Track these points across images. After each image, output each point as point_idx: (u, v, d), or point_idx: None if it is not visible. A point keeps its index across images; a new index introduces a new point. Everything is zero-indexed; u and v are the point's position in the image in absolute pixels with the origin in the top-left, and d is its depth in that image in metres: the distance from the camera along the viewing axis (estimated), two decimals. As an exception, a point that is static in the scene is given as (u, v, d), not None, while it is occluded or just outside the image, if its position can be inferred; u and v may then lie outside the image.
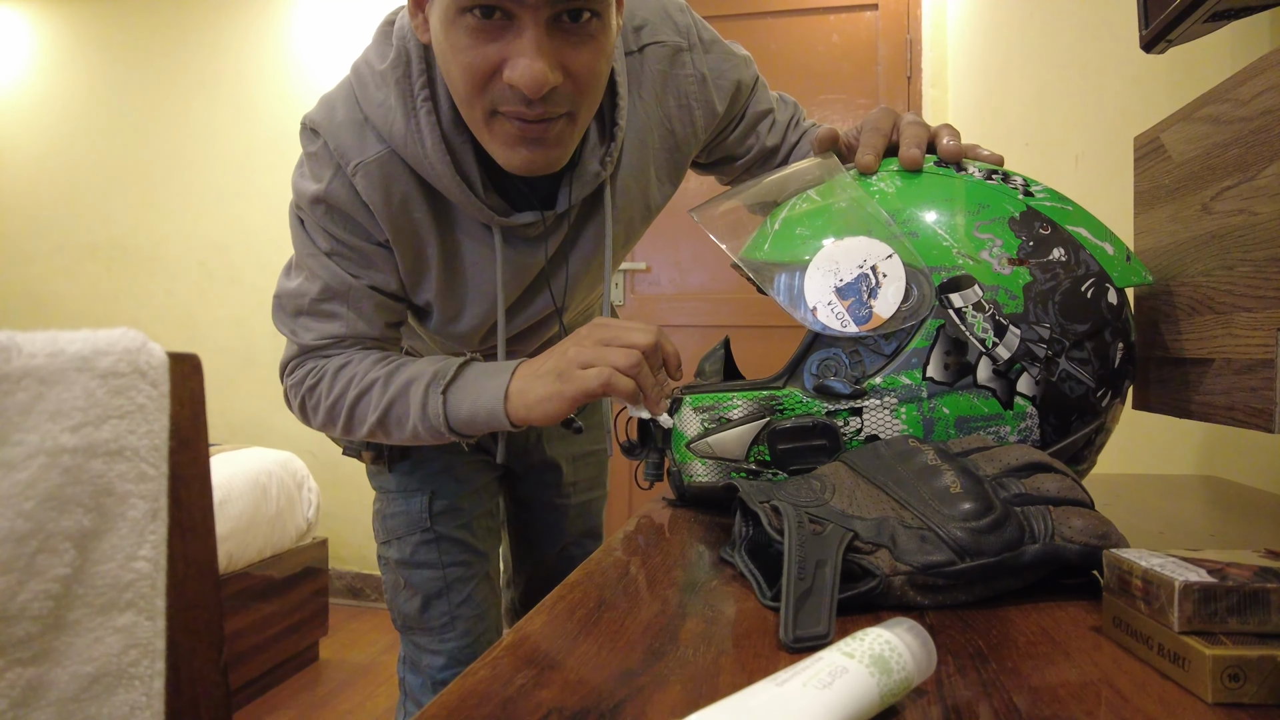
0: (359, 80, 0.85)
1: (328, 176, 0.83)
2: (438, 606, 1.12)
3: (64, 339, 0.45)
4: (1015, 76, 1.95)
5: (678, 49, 0.92)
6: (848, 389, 0.63)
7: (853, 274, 0.63)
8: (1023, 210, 0.64)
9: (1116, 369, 0.64)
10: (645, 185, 0.96)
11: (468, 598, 1.13)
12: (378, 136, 0.83)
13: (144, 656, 0.48)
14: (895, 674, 0.34)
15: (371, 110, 0.82)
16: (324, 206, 0.85)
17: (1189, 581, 0.37)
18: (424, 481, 1.11)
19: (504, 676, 0.41)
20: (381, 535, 1.15)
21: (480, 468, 1.16)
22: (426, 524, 1.11)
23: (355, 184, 0.82)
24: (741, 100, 0.99)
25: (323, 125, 0.84)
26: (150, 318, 3.42)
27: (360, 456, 1.14)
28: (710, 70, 0.94)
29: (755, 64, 1.01)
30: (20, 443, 0.42)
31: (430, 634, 1.13)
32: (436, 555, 1.11)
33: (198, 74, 3.40)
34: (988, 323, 0.61)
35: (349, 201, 0.83)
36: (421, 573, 1.11)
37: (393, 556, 1.13)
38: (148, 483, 0.48)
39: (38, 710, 0.44)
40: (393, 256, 0.87)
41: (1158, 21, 0.78)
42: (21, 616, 0.42)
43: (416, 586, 1.12)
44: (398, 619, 1.16)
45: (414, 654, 1.16)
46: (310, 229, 0.87)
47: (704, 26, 0.96)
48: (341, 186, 0.83)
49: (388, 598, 1.17)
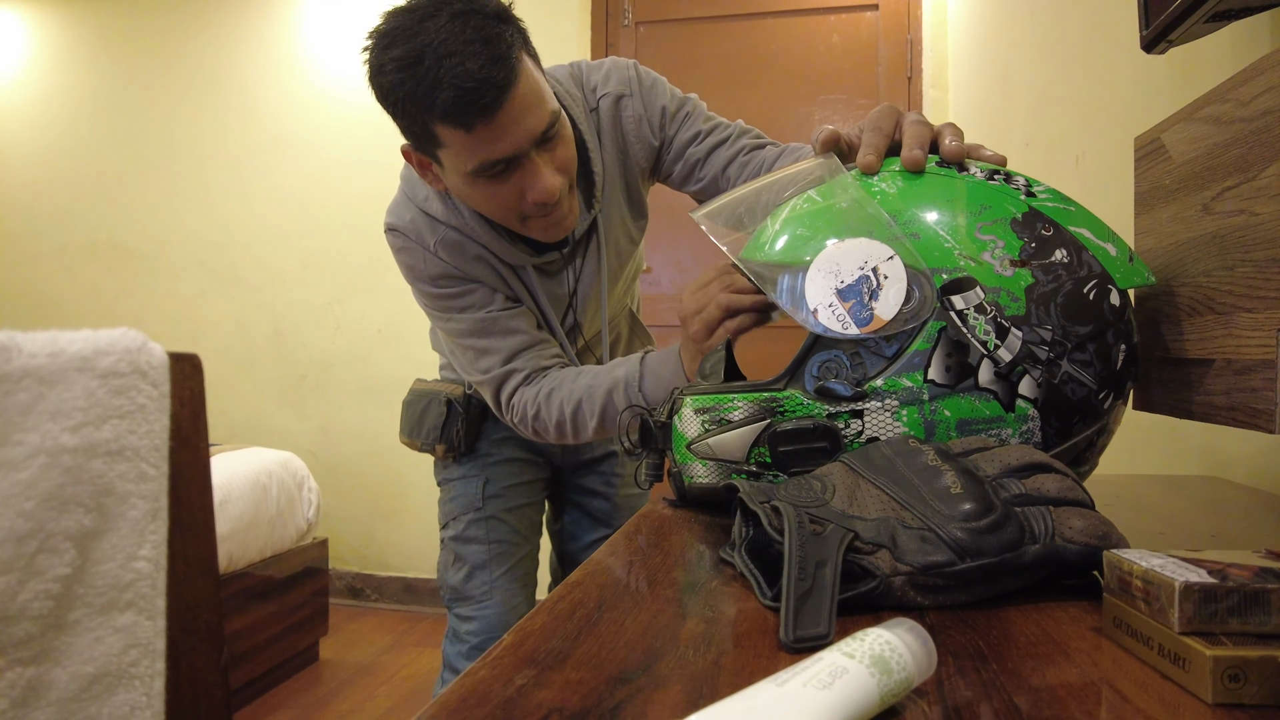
0: (409, 188, 1.11)
1: (420, 256, 1.10)
2: (480, 576, 1.32)
3: (64, 339, 0.45)
4: (1016, 77, 1.95)
5: (620, 95, 1.13)
6: (849, 391, 0.63)
7: (854, 276, 0.62)
8: (1025, 211, 0.64)
9: (1119, 371, 0.63)
10: (623, 218, 1.20)
11: (507, 571, 1.33)
12: (437, 222, 1.08)
13: (144, 656, 0.48)
14: (896, 674, 0.34)
15: (423, 204, 1.09)
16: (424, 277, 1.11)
17: (1189, 582, 0.37)
18: (480, 469, 1.34)
19: (504, 676, 0.41)
20: (442, 519, 1.37)
21: (531, 465, 1.38)
22: (479, 504, 1.33)
23: (440, 254, 1.09)
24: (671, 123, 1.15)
25: (399, 225, 1.10)
26: (151, 317, 3.42)
27: (434, 451, 1.35)
28: (645, 106, 1.14)
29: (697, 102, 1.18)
30: (21, 443, 0.42)
31: (470, 603, 1.32)
32: (485, 532, 1.33)
33: (198, 74, 3.40)
34: (989, 325, 0.61)
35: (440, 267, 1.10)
36: (470, 547, 1.33)
37: (449, 536, 1.35)
38: (148, 483, 0.48)
39: (38, 710, 0.44)
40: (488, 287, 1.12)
41: (1158, 22, 0.78)
42: (22, 616, 0.42)
43: (464, 559, 1.33)
44: (446, 593, 1.36)
45: (455, 624, 1.34)
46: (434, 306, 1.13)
47: (646, 74, 1.16)
48: (430, 261, 1.10)
49: (439, 576, 1.38)
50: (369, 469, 3.19)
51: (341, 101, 3.24)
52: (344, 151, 3.23)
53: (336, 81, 3.25)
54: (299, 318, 3.32)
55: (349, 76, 3.21)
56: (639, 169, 1.17)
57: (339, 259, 3.26)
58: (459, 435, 1.32)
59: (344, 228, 3.24)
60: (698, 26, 3.01)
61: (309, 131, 3.30)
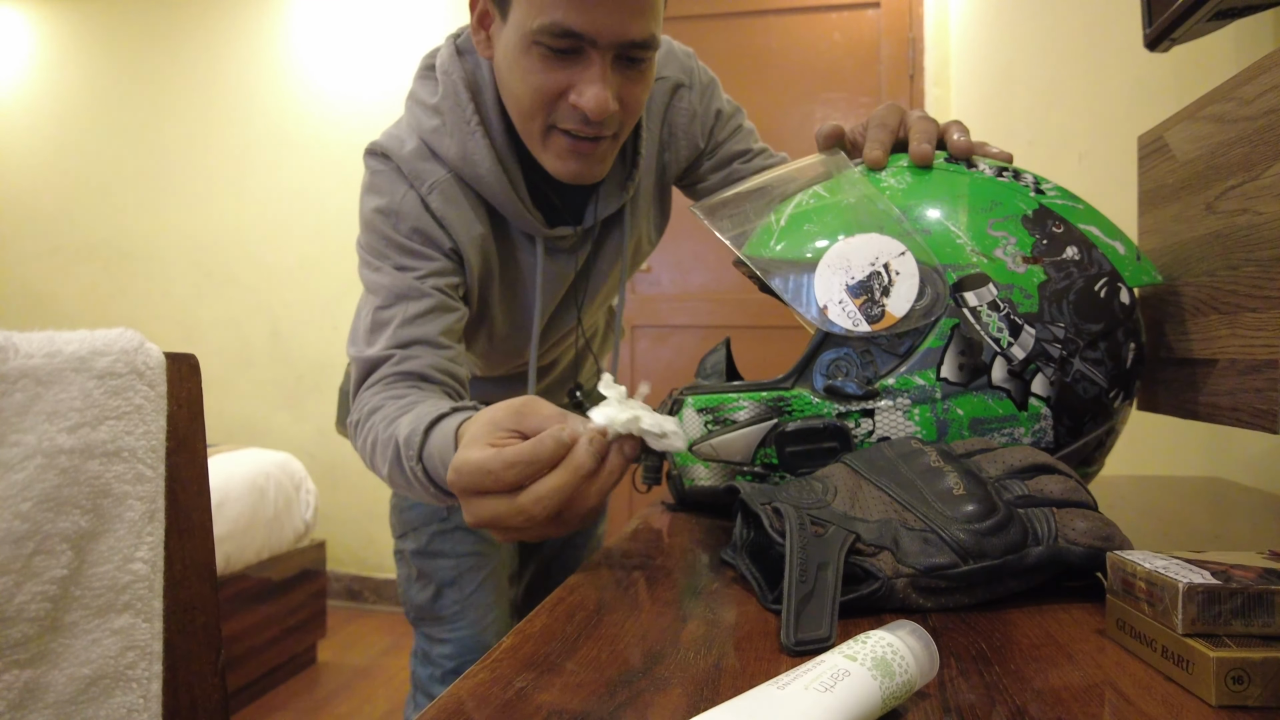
0: (414, 116, 0.92)
1: (401, 192, 0.89)
2: (449, 595, 1.15)
3: (61, 339, 0.45)
4: (1018, 75, 1.95)
5: (678, 84, 1.01)
6: (859, 390, 0.61)
7: (864, 272, 0.61)
8: (1035, 208, 0.63)
9: (1128, 370, 0.63)
10: (650, 209, 1.06)
11: (479, 587, 1.16)
12: (440, 161, 0.90)
13: (141, 659, 0.47)
14: (898, 677, 0.34)
15: (431, 139, 0.90)
16: (393, 217, 0.89)
17: (1193, 583, 0.37)
18: None
19: (504, 679, 0.40)
20: (398, 529, 1.18)
21: None
22: (443, 514, 1.14)
23: (430, 201, 0.89)
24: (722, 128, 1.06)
25: (394, 151, 0.90)
26: (148, 318, 3.42)
27: None
28: (702, 105, 1.03)
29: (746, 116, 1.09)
30: (17, 443, 0.42)
31: (441, 623, 1.16)
32: (451, 545, 1.15)
33: (196, 74, 3.40)
34: (1003, 322, 0.60)
35: (419, 214, 0.89)
36: (436, 562, 1.15)
37: (408, 548, 1.17)
38: (145, 484, 0.48)
39: (35, 713, 0.43)
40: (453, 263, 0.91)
41: (1161, 20, 0.77)
42: (19, 618, 0.42)
43: (430, 576, 1.15)
44: (410, 611, 1.19)
45: (425, 645, 1.19)
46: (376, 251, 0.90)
47: (704, 70, 1.05)
48: (413, 202, 0.89)
49: (401, 591, 1.21)
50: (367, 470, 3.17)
51: (338, 102, 3.24)
52: (341, 152, 3.22)
53: (334, 82, 3.25)
54: (296, 318, 3.32)
55: (346, 77, 3.21)
56: (675, 167, 1.06)
57: (336, 259, 3.25)
58: None
59: (341, 228, 3.23)
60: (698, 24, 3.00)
61: (306, 132, 3.30)
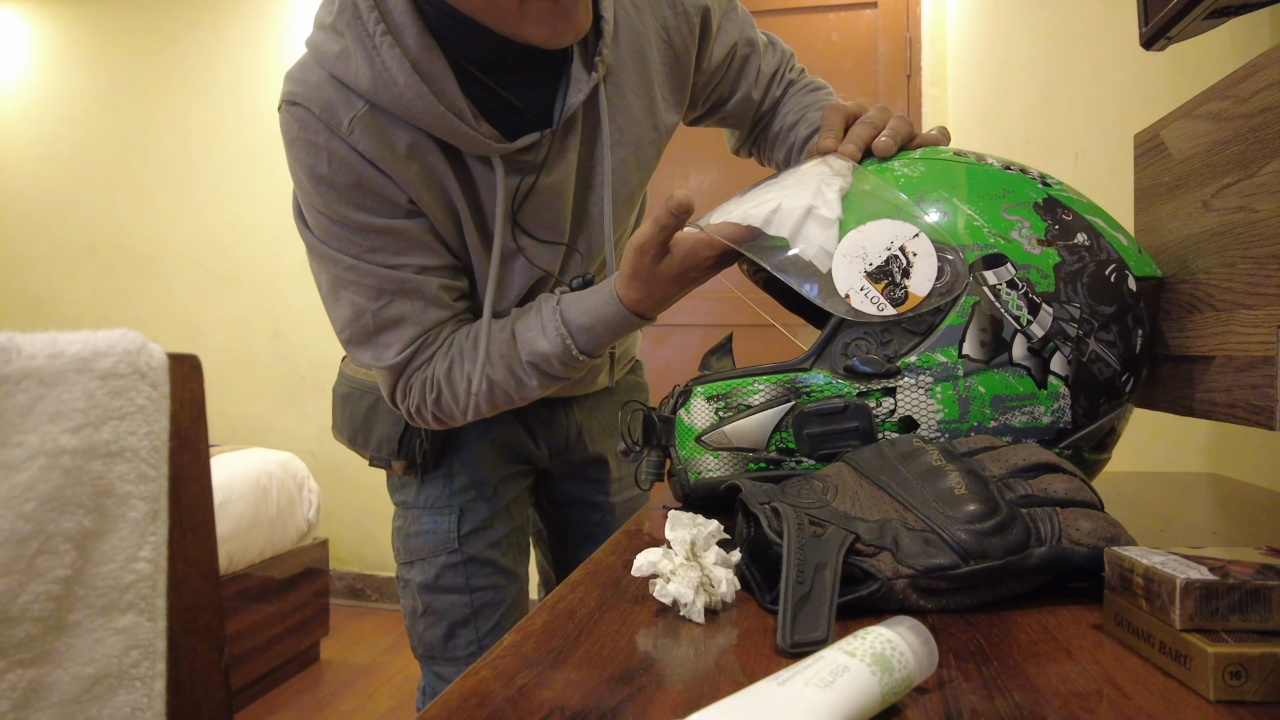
0: (314, 44, 0.80)
1: (323, 143, 0.78)
2: (463, 635, 1.04)
3: (64, 340, 0.45)
4: (1015, 74, 1.95)
5: None
6: (880, 368, 0.61)
7: (881, 257, 0.62)
8: (1045, 197, 0.65)
9: (1138, 355, 0.64)
10: (651, 103, 0.92)
11: (496, 625, 1.05)
12: (352, 91, 0.78)
13: (145, 658, 0.48)
14: (897, 673, 0.34)
15: (335, 67, 0.78)
16: (333, 189, 0.79)
17: (1190, 579, 0.37)
18: (451, 498, 1.03)
19: (506, 676, 0.41)
20: (403, 555, 1.06)
21: (514, 478, 1.08)
22: (455, 545, 1.03)
23: (355, 144, 0.78)
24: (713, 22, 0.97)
25: (300, 94, 0.79)
26: (150, 319, 3.42)
27: (390, 467, 1.06)
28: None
29: None
30: (20, 444, 0.42)
31: (455, 664, 1.05)
32: (464, 579, 1.03)
33: (197, 74, 3.40)
34: (1021, 300, 0.61)
35: (354, 168, 0.79)
36: (447, 598, 1.03)
37: (415, 580, 1.05)
38: (148, 484, 0.48)
39: (39, 712, 0.44)
40: (424, 221, 0.83)
41: (1158, 19, 0.78)
42: (22, 618, 0.42)
43: (440, 613, 1.04)
44: (418, 647, 1.07)
45: (435, 685, 1.08)
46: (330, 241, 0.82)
47: None
48: (342, 152, 0.78)
49: (407, 624, 1.08)
50: (369, 469, 3.17)
51: (340, 102, 3.24)
52: (343, 152, 3.22)
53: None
54: (298, 318, 3.32)
55: (348, 77, 3.21)
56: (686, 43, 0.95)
57: (338, 259, 3.26)
58: (423, 448, 1.01)
59: (343, 228, 3.24)
60: (696, 25, 3.00)
61: (308, 132, 3.30)
